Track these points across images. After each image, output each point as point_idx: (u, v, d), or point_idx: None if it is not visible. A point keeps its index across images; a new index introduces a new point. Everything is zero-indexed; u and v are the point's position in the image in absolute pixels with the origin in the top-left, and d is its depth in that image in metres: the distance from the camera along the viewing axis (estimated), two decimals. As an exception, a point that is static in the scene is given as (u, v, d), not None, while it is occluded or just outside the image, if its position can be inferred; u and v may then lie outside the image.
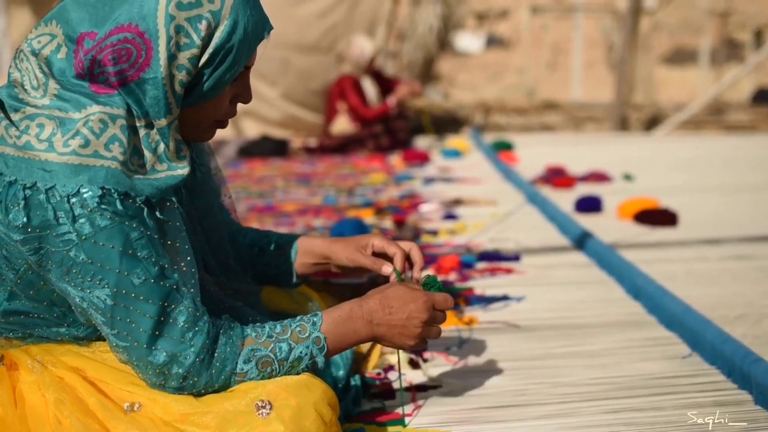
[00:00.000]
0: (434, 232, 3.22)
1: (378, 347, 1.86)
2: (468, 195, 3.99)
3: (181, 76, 1.28)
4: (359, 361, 1.81)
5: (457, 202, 3.82)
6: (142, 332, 1.27)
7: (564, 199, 3.76)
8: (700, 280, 2.57)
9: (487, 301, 2.35)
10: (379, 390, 1.75)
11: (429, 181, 4.49)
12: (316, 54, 6.61)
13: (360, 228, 2.93)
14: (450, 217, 3.51)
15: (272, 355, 1.35)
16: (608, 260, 2.70)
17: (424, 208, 3.70)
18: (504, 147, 5.65)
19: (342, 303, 1.44)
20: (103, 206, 1.22)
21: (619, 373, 1.84)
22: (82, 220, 1.22)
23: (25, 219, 1.23)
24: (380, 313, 1.41)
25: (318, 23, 6.65)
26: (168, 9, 1.25)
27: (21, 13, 6.29)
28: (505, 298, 2.38)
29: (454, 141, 6.18)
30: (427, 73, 10.29)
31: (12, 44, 6.16)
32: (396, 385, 1.74)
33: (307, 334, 1.38)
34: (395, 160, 5.38)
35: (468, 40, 17.15)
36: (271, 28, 1.38)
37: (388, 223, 3.39)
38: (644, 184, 4.33)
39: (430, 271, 1.56)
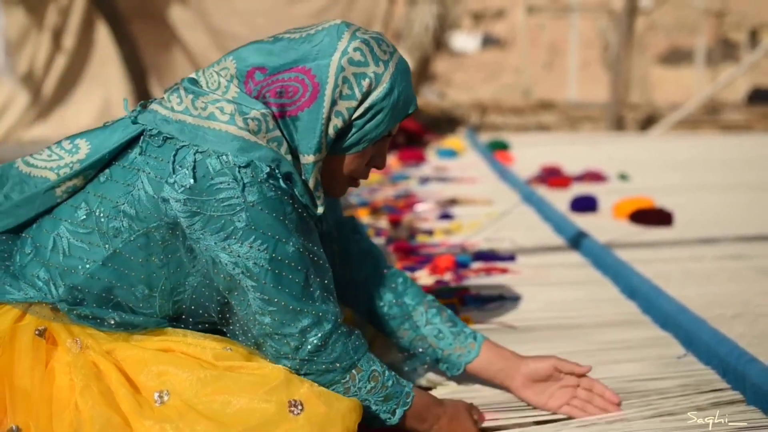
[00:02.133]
0: (430, 232, 3.22)
1: (375, 343, 1.85)
2: (463, 195, 3.99)
3: (336, 121, 1.42)
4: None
5: (453, 201, 3.82)
6: (291, 296, 1.38)
7: (559, 199, 3.76)
8: (696, 280, 2.57)
9: (482, 301, 2.34)
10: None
11: (424, 180, 4.48)
12: (311, 53, 6.60)
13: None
14: (445, 216, 3.51)
15: (382, 376, 1.47)
16: (603, 260, 2.70)
17: (420, 207, 3.70)
18: (500, 147, 5.65)
19: (426, 392, 1.58)
20: (270, 180, 1.37)
21: (614, 374, 1.84)
22: (251, 188, 1.35)
23: (192, 180, 1.34)
24: (445, 424, 1.55)
25: (314, 23, 6.63)
26: (341, 62, 1.41)
27: (15, 12, 6.27)
28: (500, 298, 2.38)
29: (450, 141, 6.18)
30: (423, 73, 10.28)
31: (8, 44, 6.13)
32: None
33: (404, 384, 1.50)
34: (391, 159, 5.37)
35: (464, 40, 17.16)
36: (416, 108, 1.51)
37: (383, 222, 3.38)
38: (640, 183, 4.33)
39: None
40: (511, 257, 2.83)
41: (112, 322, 1.43)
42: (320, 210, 1.48)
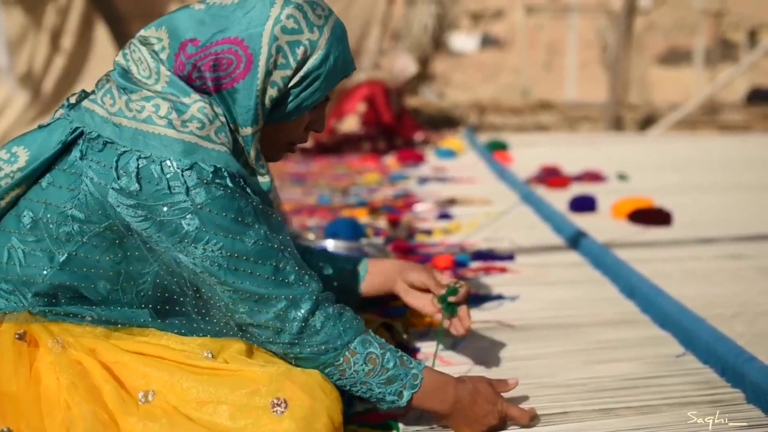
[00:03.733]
0: (428, 232, 3.22)
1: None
2: (462, 194, 3.99)
3: (272, 91, 1.40)
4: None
5: (452, 201, 3.82)
6: (258, 286, 1.36)
7: (558, 199, 3.76)
8: (695, 280, 2.57)
9: (481, 300, 2.34)
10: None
11: (423, 180, 4.48)
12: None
13: (354, 227, 2.93)
14: (444, 216, 3.51)
15: (380, 358, 1.44)
16: (602, 259, 2.70)
17: (419, 207, 3.70)
18: (499, 147, 5.65)
19: (443, 372, 1.54)
20: (216, 180, 1.34)
21: (613, 372, 1.84)
22: (196, 190, 1.33)
23: (137, 186, 1.32)
24: (467, 400, 1.50)
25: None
26: (273, 30, 1.37)
27: (14, 12, 6.26)
28: (499, 297, 2.38)
29: (448, 141, 6.18)
30: (422, 73, 10.28)
31: (7, 44, 6.12)
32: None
33: (411, 365, 1.46)
34: (390, 160, 5.37)
35: (463, 40, 17.17)
36: (354, 69, 1.50)
37: (382, 222, 3.38)
38: (638, 183, 4.33)
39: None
40: (510, 257, 2.83)
41: (89, 318, 1.42)
42: (267, 179, 1.47)
